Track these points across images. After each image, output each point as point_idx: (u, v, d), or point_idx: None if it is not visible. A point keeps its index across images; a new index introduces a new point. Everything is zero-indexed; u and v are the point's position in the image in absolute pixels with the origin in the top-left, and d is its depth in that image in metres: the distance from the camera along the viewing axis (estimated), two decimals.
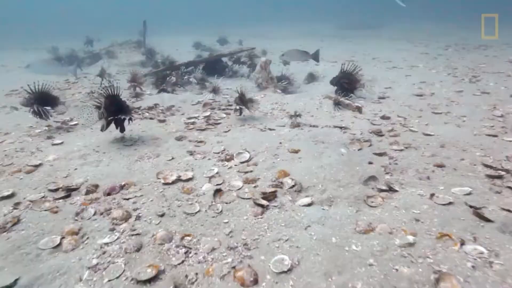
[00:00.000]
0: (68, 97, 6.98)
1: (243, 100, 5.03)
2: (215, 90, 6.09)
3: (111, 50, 13.72)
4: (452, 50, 12.31)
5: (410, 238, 2.28)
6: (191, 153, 3.85)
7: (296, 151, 3.72)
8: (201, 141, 4.21)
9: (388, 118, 4.86)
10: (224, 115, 5.26)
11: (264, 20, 31.48)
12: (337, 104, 5.35)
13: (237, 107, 5.03)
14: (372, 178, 3.16)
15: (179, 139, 4.31)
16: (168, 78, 7.44)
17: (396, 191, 2.98)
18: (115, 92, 3.96)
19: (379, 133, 4.27)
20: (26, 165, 3.61)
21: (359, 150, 3.82)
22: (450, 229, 2.38)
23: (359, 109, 5.17)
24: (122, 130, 4.24)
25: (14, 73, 10.89)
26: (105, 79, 7.67)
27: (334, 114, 5.15)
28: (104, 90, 3.94)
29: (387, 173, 3.30)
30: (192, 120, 5.03)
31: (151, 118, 5.28)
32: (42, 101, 4.65)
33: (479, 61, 9.63)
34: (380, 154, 3.68)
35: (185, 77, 7.96)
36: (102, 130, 4.13)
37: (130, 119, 4.04)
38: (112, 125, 4.16)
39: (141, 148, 4.05)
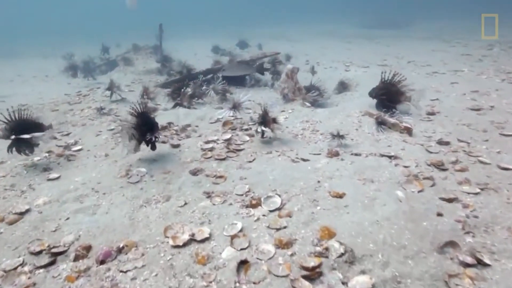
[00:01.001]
0: (77, 113, 6.44)
1: (265, 120, 4.33)
2: (235, 106, 5.37)
3: (127, 56, 13.27)
4: (497, 50, 11.11)
5: None
6: (208, 195, 3.13)
7: (340, 196, 2.94)
8: (220, 176, 3.48)
9: (446, 143, 3.98)
10: (247, 138, 4.52)
11: (284, 21, 30.59)
12: (381, 123, 4.51)
13: (259, 129, 4.33)
14: (450, 243, 2.34)
15: (194, 173, 3.60)
16: (183, 89, 6.74)
17: (488, 265, 2.16)
18: (144, 110, 3.84)
19: (440, 166, 3.42)
20: (11, 212, 2.98)
21: (419, 192, 2.99)
22: None
23: (408, 131, 4.32)
24: (154, 148, 3.99)
25: (28, 84, 10.59)
26: (115, 93, 7.08)
27: (378, 137, 4.32)
28: (134, 109, 3.75)
29: (466, 232, 2.48)
30: (210, 145, 4.31)
31: (163, 142, 4.60)
32: (23, 131, 3.71)
33: None
34: (450, 200, 2.85)
35: (203, 87, 7.27)
36: (134, 151, 3.84)
37: (156, 138, 3.85)
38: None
39: (149, 186, 3.36)
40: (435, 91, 6.53)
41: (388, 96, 5.39)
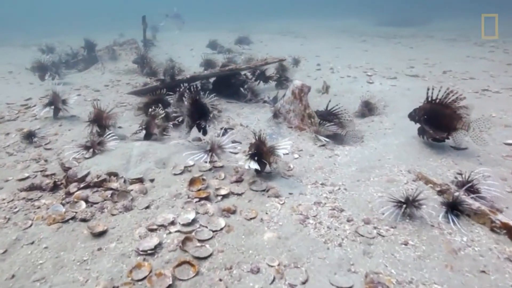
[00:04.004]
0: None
1: (260, 152, 3.11)
2: (213, 149, 3.50)
3: (110, 51, 11.39)
4: None
5: None
6: None
7: None
8: None
9: None
10: (223, 223, 2.63)
11: (293, 14, 28.34)
12: (453, 207, 2.60)
13: (250, 166, 3.11)
14: None
15: None
16: (151, 110, 4.74)
17: None
18: (198, 97, 3.87)
19: None
20: None
21: None
22: None
23: (509, 232, 2.40)
24: (205, 133, 4.03)
25: None
26: (62, 110, 5.19)
27: (451, 238, 2.41)
28: (188, 96, 3.89)
29: None
30: (153, 241, 2.42)
31: (83, 220, 2.74)
32: None
33: None
34: None
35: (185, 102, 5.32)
36: (186, 135, 4.20)
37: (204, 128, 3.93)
38: None
39: None
40: (501, 126, 4.60)
41: (438, 122, 3.66)
